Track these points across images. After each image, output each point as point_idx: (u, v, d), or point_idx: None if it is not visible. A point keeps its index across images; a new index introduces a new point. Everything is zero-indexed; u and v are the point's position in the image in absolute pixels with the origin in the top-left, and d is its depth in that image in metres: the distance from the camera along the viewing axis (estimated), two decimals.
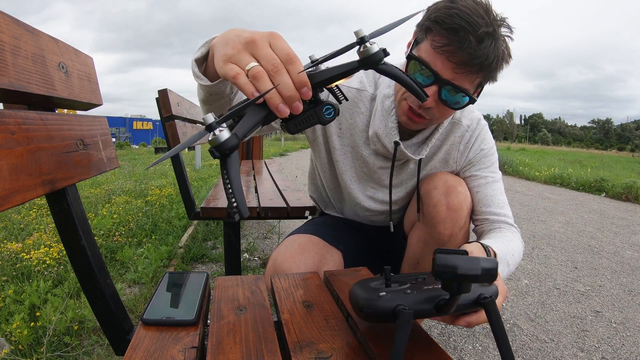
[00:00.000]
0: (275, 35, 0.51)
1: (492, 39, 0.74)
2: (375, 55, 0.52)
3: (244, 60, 0.49)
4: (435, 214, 0.92)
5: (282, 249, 0.96)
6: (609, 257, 2.84)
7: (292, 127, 0.53)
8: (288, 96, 0.48)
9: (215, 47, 0.55)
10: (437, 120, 0.89)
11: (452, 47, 0.74)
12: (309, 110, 0.53)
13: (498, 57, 0.76)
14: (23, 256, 1.93)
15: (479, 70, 0.76)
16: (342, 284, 0.74)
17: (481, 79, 0.80)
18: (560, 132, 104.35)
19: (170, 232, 2.63)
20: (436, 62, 0.77)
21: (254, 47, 0.50)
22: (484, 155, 1.00)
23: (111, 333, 0.70)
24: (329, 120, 0.54)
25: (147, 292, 1.75)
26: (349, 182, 1.07)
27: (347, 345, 0.53)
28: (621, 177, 7.00)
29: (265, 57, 0.49)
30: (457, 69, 0.76)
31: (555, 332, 1.69)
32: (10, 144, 0.48)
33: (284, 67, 0.48)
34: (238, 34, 0.52)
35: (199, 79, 0.65)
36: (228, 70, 0.50)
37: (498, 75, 0.82)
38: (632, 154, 44.28)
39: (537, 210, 4.49)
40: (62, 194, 0.63)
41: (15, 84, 0.51)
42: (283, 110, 0.48)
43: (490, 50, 0.74)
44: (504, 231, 0.94)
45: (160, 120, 1.58)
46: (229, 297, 0.67)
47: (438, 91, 0.79)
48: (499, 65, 0.78)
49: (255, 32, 0.52)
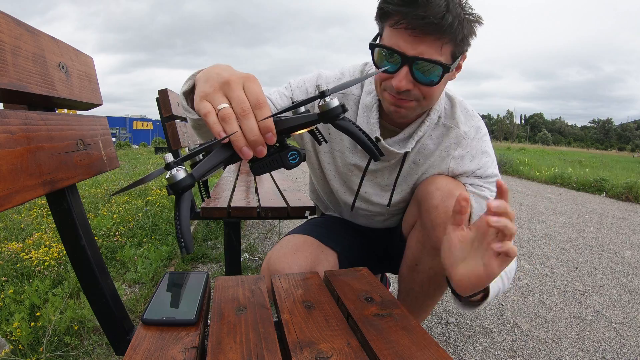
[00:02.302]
0: (250, 79, 0.53)
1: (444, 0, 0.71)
2: (334, 110, 0.55)
3: (217, 100, 0.52)
4: (434, 218, 0.90)
5: (277, 249, 0.96)
6: (609, 257, 2.84)
7: (257, 169, 0.56)
8: (252, 140, 0.51)
9: (197, 82, 0.58)
10: (426, 102, 0.84)
11: (406, 18, 0.73)
12: (274, 154, 0.56)
13: (459, 17, 0.73)
14: (23, 256, 1.93)
15: (439, 32, 0.73)
16: (342, 284, 0.74)
17: (450, 45, 0.76)
18: (561, 132, 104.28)
19: (170, 232, 2.63)
20: (398, 42, 0.76)
21: (228, 89, 0.52)
22: (485, 168, 0.95)
23: (111, 333, 0.70)
24: (293, 165, 0.57)
25: (147, 292, 1.75)
26: (338, 186, 1.07)
27: (347, 345, 0.53)
28: (621, 177, 7.00)
29: (236, 99, 0.51)
30: (417, 36, 0.74)
31: (556, 332, 1.69)
32: (10, 144, 0.48)
33: (252, 112, 0.51)
34: (219, 72, 0.55)
35: (187, 112, 0.69)
36: (202, 107, 0.53)
37: (471, 39, 0.79)
38: (632, 153, 44.26)
39: (538, 210, 4.48)
40: (62, 194, 0.63)
41: (16, 84, 0.51)
42: (246, 152, 0.51)
43: (443, 9, 0.71)
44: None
45: (161, 120, 1.58)
46: (229, 297, 0.67)
47: (410, 71, 0.77)
48: (463, 27, 0.75)
49: (233, 74, 0.54)
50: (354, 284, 0.74)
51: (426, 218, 0.92)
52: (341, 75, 0.98)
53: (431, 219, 0.90)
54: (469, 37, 0.78)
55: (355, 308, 0.64)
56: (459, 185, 0.93)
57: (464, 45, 0.79)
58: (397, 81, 0.78)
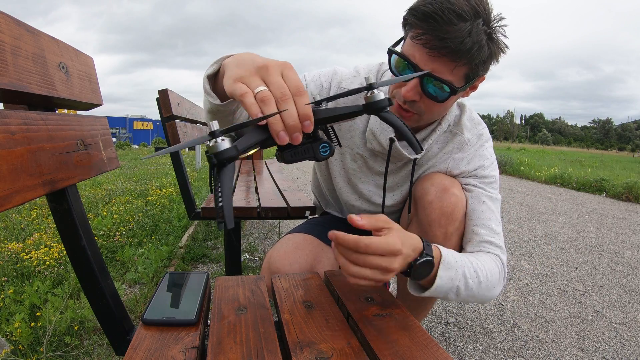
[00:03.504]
0: (287, 66, 0.53)
1: (469, 24, 0.71)
2: (381, 102, 0.56)
3: (254, 83, 0.51)
4: (429, 214, 0.90)
5: (277, 247, 0.97)
6: (609, 257, 2.84)
7: (288, 157, 0.55)
8: (291, 125, 0.49)
9: (227, 66, 0.57)
10: (427, 116, 0.85)
11: (426, 35, 0.73)
12: (307, 144, 0.55)
13: (479, 42, 0.72)
14: (23, 256, 1.93)
15: (455, 55, 0.73)
16: (342, 284, 0.74)
17: (465, 68, 0.76)
18: (561, 132, 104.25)
19: (170, 232, 2.63)
20: (414, 53, 0.76)
21: (265, 73, 0.52)
22: (483, 169, 0.95)
23: (111, 333, 0.70)
24: (323, 158, 0.56)
25: (148, 292, 1.75)
26: (342, 183, 1.07)
27: (348, 345, 0.53)
28: (621, 177, 7.00)
29: (275, 83, 0.51)
30: (433, 55, 0.74)
31: (556, 332, 1.69)
32: (10, 144, 0.48)
33: (292, 97, 0.50)
34: (252, 58, 0.54)
35: (210, 96, 0.68)
36: (237, 88, 0.51)
37: (489, 65, 0.79)
38: (632, 153, 44.25)
39: (538, 210, 4.48)
40: (63, 194, 0.63)
41: (16, 84, 0.51)
42: (283, 137, 0.50)
43: (464, 34, 0.71)
44: (480, 254, 0.85)
45: (161, 120, 1.58)
46: (230, 297, 0.67)
47: (420, 83, 0.78)
48: (482, 52, 0.74)
49: (269, 60, 0.54)
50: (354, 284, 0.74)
51: (422, 214, 0.92)
52: (356, 74, 0.99)
53: (426, 215, 0.91)
54: (487, 63, 0.78)
55: (356, 308, 0.64)
56: (454, 182, 0.93)
57: (481, 70, 0.79)
58: (405, 90, 0.79)
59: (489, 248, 0.86)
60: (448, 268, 0.73)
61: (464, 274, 0.75)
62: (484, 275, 0.79)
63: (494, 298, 0.87)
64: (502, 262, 0.85)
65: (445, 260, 0.73)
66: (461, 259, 0.76)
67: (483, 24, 0.73)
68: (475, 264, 0.79)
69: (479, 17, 0.72)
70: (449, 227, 0.89)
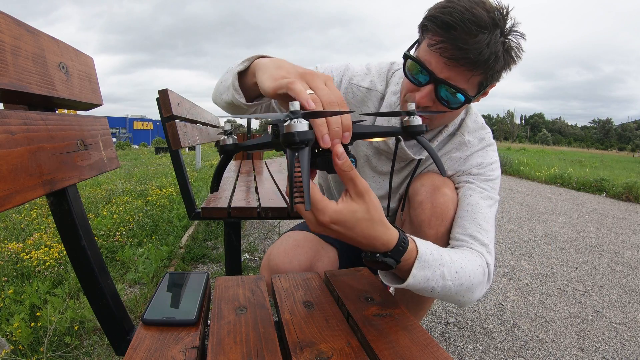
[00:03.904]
0: (330, 78, 0.55)
1: (487, 35, 0.71)
2: (419, 127, 0.62)
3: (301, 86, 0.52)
4: (419, 214, 0.89)
5: (277, 245, 0.97)
6: (609, 257, 2.84)
7: (321, 163, 0.56)
8: (335, 131, 0.50)
9: (264, 67, 0.58)
10: (437, 121, 0.87)
11: (444, 44, 0.73)
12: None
13: (496, 53, 0.73)
14: (23, 256, 1.93)
15: (473, 66, 0.73)
16: (342, 284, 0.74)
17: (480, 77, 0.77)
18: (561, 132, 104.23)
19: (170, 232, 2.63)
20: (431, 60, 0.76)
21: (311, 79, 0.53)
22: (479, 167, 0.94)
23: (111, 333, 0.70)
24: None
25: (148, 292, 1.75)
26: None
27: (348, 345, 0.53)
28: (621, 177, 7.00)
29: (322, 90, 0.52)
30: (450, 65, 0.74)
31: (556, 332, 1.69)
32: (10, 144, 0.48)
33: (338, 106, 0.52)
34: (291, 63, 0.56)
35: (238, 95, 0.69)
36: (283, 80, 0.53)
37: (503, 74, 0.79)
38: (632, 153, 44.25)
39: (538, 210, 4.48)
40: (63, 194, 0.63)
41: (16, 84, 0.51)
42: (327, 140, 0.50)
43: (483, 46, 0.71)
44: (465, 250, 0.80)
45: (161, 120, 1.58)
46: (230, 297, 0.67)
47: (434, 90, 0.78)
48: (498, 62, 0.74)
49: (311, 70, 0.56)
50: (354, 284, 0.74)
51: (413, 214, 0.92)
52: (367, 71, 1.00)
53: (417, 215, 0.90)
54: (501, 71, 0.78)
55: (356, 308, 0.64)
56: (446, 182, 0.92)
57: (494, 79, 0.80)
58: (419, 96, 0.79)
59: (471, 244, 0.81)
60: (424, 267, 0.65)
61: (443, 274, 0.68)
62: (467, 277, 0.72)
63: (473, 302, 0.80)
64: (486, 263, 0.79)
65: (422, 259, 0.65)
66: (442, 258, 0.69)
67: (500, 35, 0.73)
68: (458, 264, 0.72)
69: (497, 27, 0.73)
70: (440, 227, 0.88)
